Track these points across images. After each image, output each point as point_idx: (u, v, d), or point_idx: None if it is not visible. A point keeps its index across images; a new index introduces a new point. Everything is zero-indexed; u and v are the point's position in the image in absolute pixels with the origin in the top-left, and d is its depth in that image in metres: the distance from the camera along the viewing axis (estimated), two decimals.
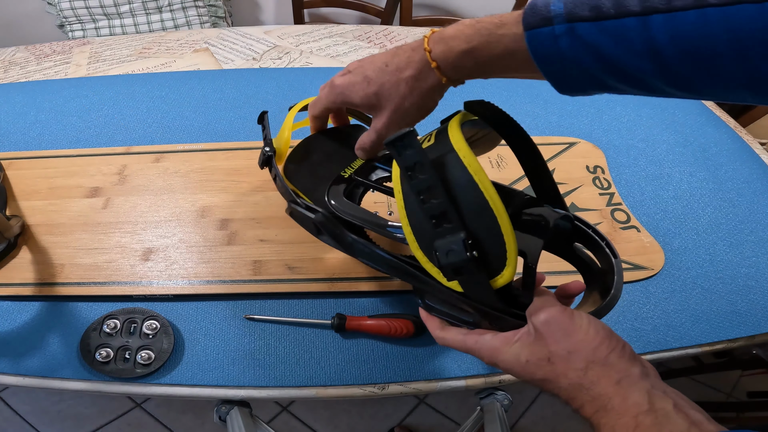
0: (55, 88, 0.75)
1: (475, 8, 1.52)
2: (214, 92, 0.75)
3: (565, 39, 0.29)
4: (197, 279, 0.52)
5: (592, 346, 0.28)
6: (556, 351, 0.29)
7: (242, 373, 0.47)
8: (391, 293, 0.52)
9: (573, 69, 0.30)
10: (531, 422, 1.19)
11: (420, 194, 0.29)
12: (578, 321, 0.29)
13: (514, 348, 0.31)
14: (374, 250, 0.37)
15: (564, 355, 0.29)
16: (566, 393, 0.29)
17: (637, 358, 0.29)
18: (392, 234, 0.36)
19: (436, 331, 0.36)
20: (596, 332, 0.29)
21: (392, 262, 0.36)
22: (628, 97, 0.79)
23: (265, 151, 0.43)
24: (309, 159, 0.45)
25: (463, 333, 0.35)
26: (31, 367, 0.46)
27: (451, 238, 0.29)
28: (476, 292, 0.32)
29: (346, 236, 0.38)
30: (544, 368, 0.29)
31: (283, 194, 0.42)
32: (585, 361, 0.28)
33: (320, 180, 0.43)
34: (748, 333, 0.51)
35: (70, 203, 0.58)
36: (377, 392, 0.47)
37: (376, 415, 1.17)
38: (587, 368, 0.28)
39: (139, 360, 0.46)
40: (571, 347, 0.28)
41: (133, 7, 1.31)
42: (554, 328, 0.29)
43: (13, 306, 0.50)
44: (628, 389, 0.26)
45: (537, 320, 0.30)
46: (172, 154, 0.64)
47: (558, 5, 0.29)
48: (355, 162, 0.44)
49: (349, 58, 0.84)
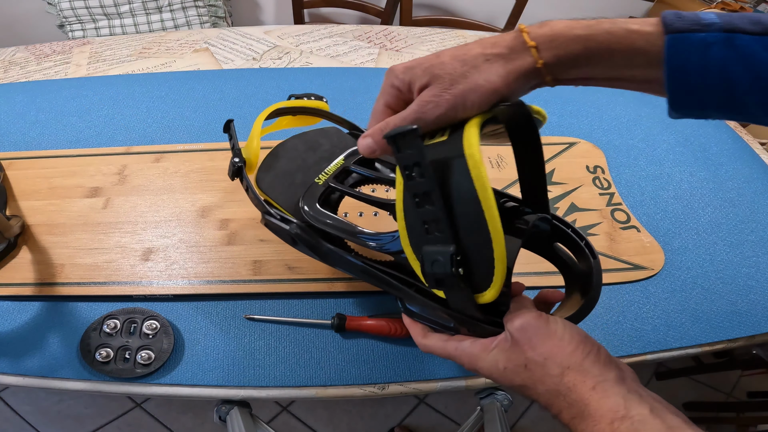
0: (55, 88, 0.75)
1: (475, 8, 1.52)
2: (214, 92, 0.75)
3: (718, 48, 0.27)
4: (197, 279, 0.52)
5: (567, 351, 0.28)
6: (532, 357, 0.29)
7: (242, 373, 0.47)
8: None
9: (713, 80, 0.28)
10: (531, 422, 1.19)
11: (415, 197, 0.28)
12: (553, 326, 0.30)
13: (493, 355, 0.31)
14: (350, 259, 0.37)
15: (540, 361, 0.29)
16: (544, 399, 0.29)
17: (612, 361, 0.29)
18: (364, 242, 0.36)
19: (419, 338, 0.37)
20: (571, 337, 0.29)
21: (369, 271, 0.36)
22: (628, 97, 0.79)
23: (235, 162, 0.42)
24: (281, 167, 0.44)
25: (443, 339, 0.35)
26: (31, 367, 0.46)
27: (440, 248, 0.28)
28: (456, 302, 0.31)
29: (322, 246, 0.38)
30: (522, 374, 0.30)
31: (257, 206, 0.41)
32: (560, 366, 0.28)
33: (295, 188, 0.42)
34: (748, 333, 0.51)
35: (70, 203, 0.58)
36: (377, 392, 0.47)
37: (376, 415, 1.18)
38: (563, 374, 0.28)
39: (139, 360, 0.46)
40: (547, 353, 0.29)
41: (133, 7, 1.31)
42: (529, 334, 0.29)
43: (13, 306, 0.50)
44: (603, 395, 0.27)
45: (512, 327, 0.30)
46: (172, 154, 0.64)
47: (710, 15, 0.27)
48: (329, 167, 0.43)
49: (349, 58, 0.84)
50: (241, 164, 0.41)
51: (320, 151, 0.45)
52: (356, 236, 0.36)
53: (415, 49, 0.87)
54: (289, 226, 0.38)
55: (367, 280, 0.37)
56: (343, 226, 0.37)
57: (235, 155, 0.42)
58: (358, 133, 0.48)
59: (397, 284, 0.35)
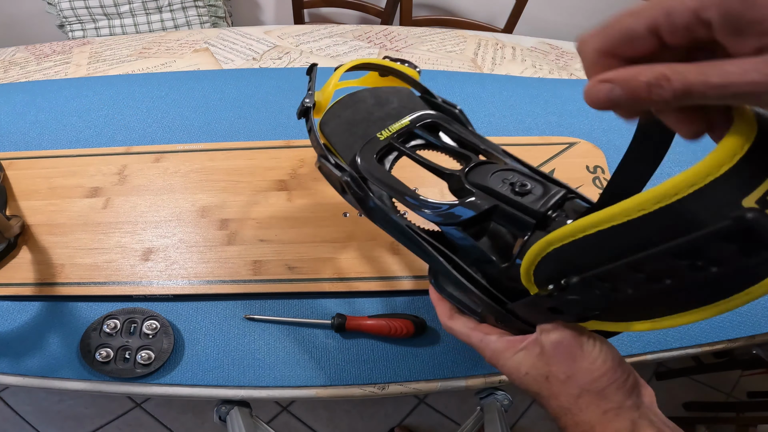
0: (55, 88, 0.75)
1: (475, 8, 1.52)
2: (214, 92, 0.75)
3: None
4: (197, 279, 0.52)
5: (593, 376, 0.28)
6: (555, 372, 0.29)
7: (242, 373, 0.47)
8: (391, 293, 0.52)
9: None
10: (531, 422, 1.19)
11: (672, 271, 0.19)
12: (587, 348, 0.28)
13: (518, 357, 0.30)
14: (394, 219, 0.36)
15: (562, 378, 0.28)
16: (553, 411, 0.29)
17: (636, 388, 0.28)
18: (416, 205, 0.34)
19: (444, 317, 0.36)
20: (603, 362, 0.28)
21: (411, 236, 0.35)
22: None
23: (305, 102, 0.42)
24: (347, 116, 0.43)
25: (469, 327, 0.34)
26: (31, 367, 0.46)
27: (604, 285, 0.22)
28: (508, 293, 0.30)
29: (369, 200, 0.37)
30: (541, 384, 0.29)
31: (315, 147, 0.41)
32: (580, 388, 0.28)
33: (355, 139, 0.41)
34: (748, 333, 0.51)
35: (70, 203, 0.58)
36: (377, 392, 0.47)
37: (376, 415, 1.18)
38: (580, 395, 0.28)
39: (139, 360, 0.46)
40: (571, 373, 0.28)
41: (133, 7, 1.31)
42: (561, 351, 0.28)
43: (13, 306, 0.50)
44: (613, 419, 0.26)
45: (547, 339, 0.29)
46: (172, 154, 0.64)
47: None
48: (393, 125, 0.41)
49: (348, 58, 0.84)
50: (311, 105, 0.42)
51: (388, 108, 0.44)
52: (408, 198, 0.35)
53: (415, 49, 0.87)
54: (341, 173, 0.37)
55: (406, 244, 0.37)
56: (396, 185, 0.36)
57: (308, 96, 0.42)
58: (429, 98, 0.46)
59: (436, 256, 0.34)
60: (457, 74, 0.80)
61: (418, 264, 0.53)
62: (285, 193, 0.59)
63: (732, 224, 0.15)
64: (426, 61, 0.84)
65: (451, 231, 0.33)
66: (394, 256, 0.54)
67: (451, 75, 0.80)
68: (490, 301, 0.31)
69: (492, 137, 0.39)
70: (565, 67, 0.84)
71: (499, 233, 0.33)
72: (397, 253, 0.54)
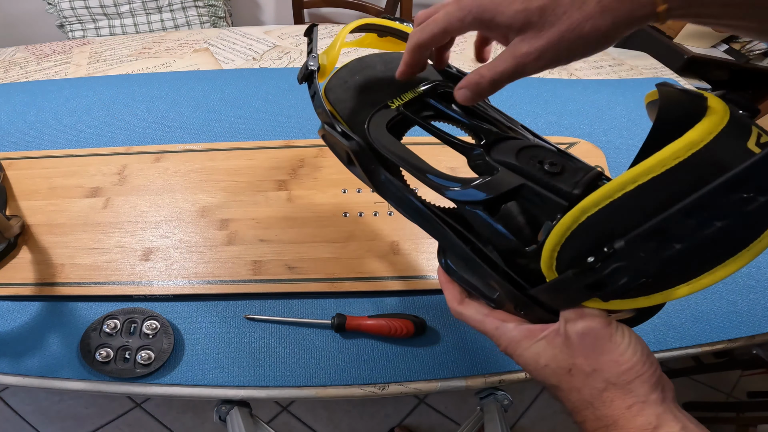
0: (55, 88, 0.75)
1: None
2: (214, 92, 0.75)
3: None
4: (197, 279, 0.52)
5: (621, 369, 0.26)
6: (580, 364, 0.27)
7: (242, 373, 0.47)
8: (391, 293, 0.52)
9: None
10: (531, 422, 1.19)
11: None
12: (617, 339, 0.26)
13: (537, 346, 0.28)
14: (406, 195, 0.33)
15: (587, 371, 0.26)
16: (572, 404, 0.27)
17: (660, 381, 0.27)
18: (433, 182, 0.31)
19: (454, 303, 0.33)
20: (632, 354, 0.26)
21: (424, 213, 0.33)
22: (628, 97, 0.79)
23: (308, 66, 0.38)
24: (354, 82, 0.40)
25: (483, 313, 0.32)
26: (31, 367, 0.46)
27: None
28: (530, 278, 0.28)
29: (380, 173, 0.34)
30: (561, 377, 0.27)
31: (320, 114, 0.38)
32: (606, 382, 0.26)
33: (363, 107, 0.38)
34: (748, 333, 0.51)
35: (70, 203, 0.58)
36: (377, 392, 0.47)
37: (376, 415, 1.18)
38: (605, 389, 0.26)
39: (139, 360, 0.46)
40: (598, 365, 0.26)
41: (133, 7, 1.31)
42: (588, 342, 0.26)
43: (13, 306, 0.50)
44: (637, 413, 0.25)
45: (573, 328, 0.27)
46: (172, 154, 0.64)
47: None
48: (405, 94, 0.38)
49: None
50: (315, 69, 0.38)
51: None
52: (425, 174, 0.31)
53: None
54: (349, 143, 0.34)
55: (418, 221, 0.34)
56: (410, 158, 0.33)
57: (311, 59, 0.38)
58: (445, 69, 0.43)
59: (453, 236, 0.31)
60: None
61: (418, 264, 0.53)
62: (285, 193, 0.59)
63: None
64: None
65: (471, 210, 0.31)
66: (394, 256, 0.54)
67: None
68: (511, 286, 0.29)
69: None
70: (565, 67, 0.84)
71: (515, 213, 0.31)
72: (397, 253, 0.54)
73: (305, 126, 0.69)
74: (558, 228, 0.24)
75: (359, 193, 0.60)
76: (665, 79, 0.93)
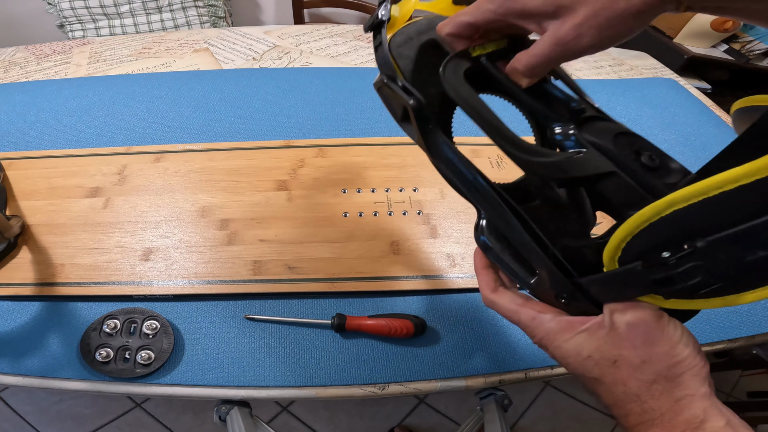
0: (55, 88, 0.75)
1: None
2: (214, 92, 0.75)
3: None
4: (197, 279, 0.52)
5: (672, 362, 0.25)
6: (627, 356, 0.25)
7: (242, 373, 0.47)
8: (391, 293, 0.52)
9: None
10: (531, 422, 1.19)
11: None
12: (669, 331, 0.25)
13: (578, 339, 0.27)
14: (461, 159, 0.31)
15: (636, 363, 0.25)
16: (615, 398, 0.26)
17: (709, 376, 0.27)
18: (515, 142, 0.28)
19: (487, 290, 0.32)
20: (684, 347, 0.25)
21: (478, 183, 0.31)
22: (628, 98, 0.79)
23: (379, 14, 0.35)
24: (421, 41, 0.37)
25: (517, 303, 0.30)
26: (31, 367, 0.46)
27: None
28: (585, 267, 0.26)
29: (438, 137, 0.32)
30: (604, 370, 0.26)
31: (381, 65, 0.35)
32: (656, 374, 0.25)
33: (426, 66, 0.36)
34: (748, 333, 0.51)
35: (70, 203, 0.58)
36: (377, 392, 0.47)
37: (376, 415, 1.17)
38: (655, 381, 0.25)
39: (139, 360, 0.46)
40: (648, 357, 0.25)
41: (133, 7, 1.31)
42: (638, 333, 0.25)
43: (13, 306, 0.50)
44: (685, 407, 0.25)
45: (621, 318, 0.26)
46: (172, 154, 0.64)
47: None
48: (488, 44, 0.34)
49: (349, 58, 0.84)
50: (385, 19, 0.35)
51: None
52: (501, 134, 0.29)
53: None
54: (410, 98, 0.32)
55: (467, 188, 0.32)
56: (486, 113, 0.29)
57: (382, 8, 0.36)
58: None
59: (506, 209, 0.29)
60: None
61: (418, 264, 0.53)
62: (285, 193, 0.59)
63: None
64: None
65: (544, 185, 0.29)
66: (394, 256, 0.54)
67: None
68: (560, 273, 0.27)
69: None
70: (566, 66, 0.84)
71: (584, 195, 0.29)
72: (397, 253, 0.54)
73: (305, 126, 0.69)
74: (636, 218, 0.22)
75: (359, 193, 0.60)
76: (665, 79, 0.93)
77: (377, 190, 0.60)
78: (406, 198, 0.59)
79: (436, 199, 0.60)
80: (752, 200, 0.20)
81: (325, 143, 0.66)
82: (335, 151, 0.65)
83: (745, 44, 1.49)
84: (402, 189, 0.60)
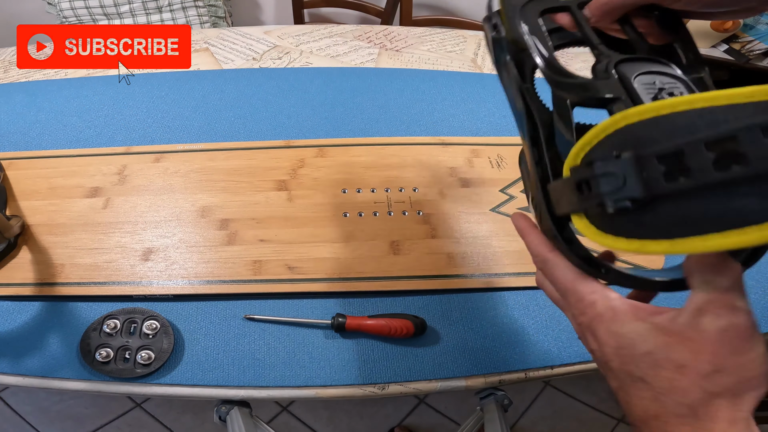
0: (55, 88, 0.75)
1: (475, 8, 1.52)
2: (214, 92, 0.75)
3: None
4: (197, 279, 0.52)
5: (746, 376, 0.21)
6: (700, 362, 0.21)
7: (242, 373, 0.47)
8: (391, 293, 0.52)
9: None
10: (531, 422, 1.19)
11: None
12: (755, 343, 0.22)
13: (639, 327, 0.23)
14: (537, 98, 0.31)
15: (707, 370, 0.21)
16: (656, 409, 0.22)
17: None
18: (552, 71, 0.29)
19: (545, 249, 0.28)
20: (761, 364, 0.22)
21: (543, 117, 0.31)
22: None
23: None
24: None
25: (576, 272, 0.26)
26: (31, 367, 0.46)
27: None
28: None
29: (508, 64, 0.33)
30: (661, 373, 0.22)
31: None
32: (722, 386, 0.21)
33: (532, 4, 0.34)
34: None
35: (70, 203, 0.58)
36: (377, 392, 0.47)
37: (376, 416, 1.17)
38: (719, 395, 0.21)
39: (139, 360, 0.46)
40: (723, 366, 0.21)
41: (133, 7, 1.31)
42: (726, 340, 0.21)
43: (13, 306, 0.50)
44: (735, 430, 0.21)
45: (714, 323, 0.22)
46: (172, 154, 0.64)
47: None
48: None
49: (349, 58, 0.84)
50: None
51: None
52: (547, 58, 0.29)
53: (415, 49, 0.87)
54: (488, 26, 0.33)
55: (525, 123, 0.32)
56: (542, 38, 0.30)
57: None
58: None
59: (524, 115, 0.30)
60: (457, 74, 0.80)
61: (418, 264, 0.53)
62: (285, 193, 0.59)
63: None
64: (426, 61, 0.84)
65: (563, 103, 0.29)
66: (394, 256, 0.54)
67: (451, 75, 0.80)
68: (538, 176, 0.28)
69: (493, 137, 0.38)
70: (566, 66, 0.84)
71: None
72: (397, 253, 0.54)
73: (305, 126, 0.69)
74: (593, 129, 0.22)
75: (359, 193, 0.60)
76: None
77: (377, 190, 0.60)
78: (406, 198, 0.59)
79: (436, 199, 0.60)
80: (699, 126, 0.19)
81: (325, 143, 0.66)
82: (335, 151, 0.65)
83: (745, 44, 1.49)
84: (402, 189, 0.60)
